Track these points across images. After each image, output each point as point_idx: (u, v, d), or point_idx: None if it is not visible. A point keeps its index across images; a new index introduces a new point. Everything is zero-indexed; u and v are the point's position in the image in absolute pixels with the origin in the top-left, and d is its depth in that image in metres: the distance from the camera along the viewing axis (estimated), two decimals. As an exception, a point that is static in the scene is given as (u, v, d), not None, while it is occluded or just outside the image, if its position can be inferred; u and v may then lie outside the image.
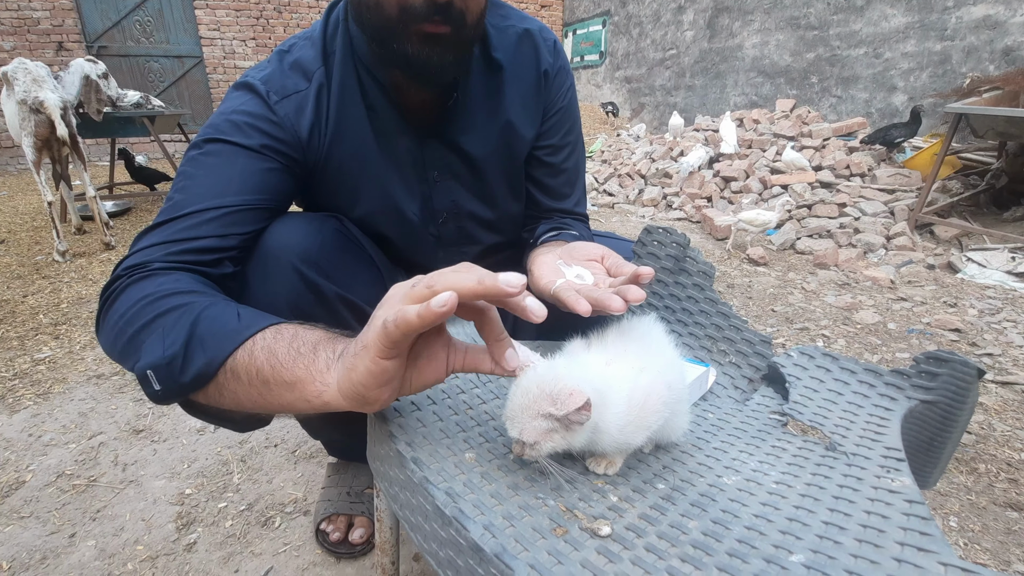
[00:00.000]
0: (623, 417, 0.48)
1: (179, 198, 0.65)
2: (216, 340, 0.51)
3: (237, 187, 0.66)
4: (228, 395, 0.52)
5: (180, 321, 0.53)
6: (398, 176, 0.81)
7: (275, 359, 0.50)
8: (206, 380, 0.51)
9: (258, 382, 0.50)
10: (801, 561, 0.41)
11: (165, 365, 0.51)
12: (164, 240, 0.62)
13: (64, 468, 1.25)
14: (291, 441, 1.33)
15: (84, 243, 3.12)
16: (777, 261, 2.73)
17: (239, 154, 0.68)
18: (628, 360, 0.52)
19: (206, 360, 0.51)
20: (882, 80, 4.31)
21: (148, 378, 0.52)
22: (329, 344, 0.50)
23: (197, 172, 0.67)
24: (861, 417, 0.64)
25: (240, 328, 0.52)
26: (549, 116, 0.86)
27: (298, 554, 1.01)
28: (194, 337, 0.51)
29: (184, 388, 0.52)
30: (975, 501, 1.13)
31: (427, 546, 0.49)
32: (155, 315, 0.54)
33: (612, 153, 4.93)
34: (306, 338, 0.51)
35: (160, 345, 0.52)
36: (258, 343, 0.51)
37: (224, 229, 0.64)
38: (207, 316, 0.53)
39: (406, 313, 0.40)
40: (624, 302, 0.52)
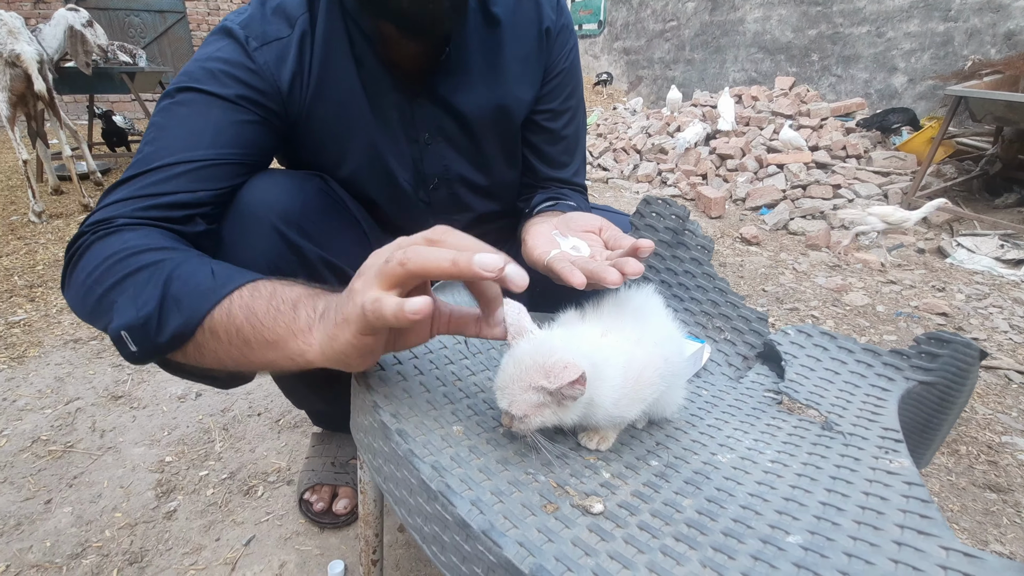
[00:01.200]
0: (618, 390, 0.46)
1: (149, 151, 0.61)
2: (191, 299, 0.49)
3: (210, 139, 0.62)
4: (208, 354, 0.50)
5: (152, 280, 0.50)
6: (387, 136, 0.77)
7: (255, 318, 0.48)
8: (183, 340, 0.49)
9: (239, 341, 0.48)
10: (798, 542, 0.40)
11: (140, 326, 0.49)
12: (132, 195, 0.58)
13: (40, 434, 1.21)
14: (275, 410, 1.31)
15: (61, 204, 3.02)
16: (770, 241, 2.72)
17: (214, 104, 0.63)
18: (624, 331, 0.50)
19: (183, 320, 0.49)
20: (883, 60, 4.25)
21: (123, 339, 0.50)
22: (309, 301, 0.48)
23: (169, 123, 0.63)
24: (858, 397, 0.62)
25: (215, 286, 0.50)
26: (550, 78, 0.82)
27: (281, 523, 0.99)
28: (168, 297, 0.49)
29: (161, 348, 0.50)
30: (955, 482, 1.15)
31: (411, 520, 0.48)
32: (124, 274, 0.51)
33: (608, 127, 4.84)
34: (285, 295, 0.49)
35: (133, 305, 0.49)
36: (235, 301, 0.49)
37: (196, 184, 0.60)
38: (180, 274, 0.51)
39: (382, 309, 0.39)
40: (621, 275, 0.50)
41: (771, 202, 3.14)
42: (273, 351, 0.48)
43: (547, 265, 0.59)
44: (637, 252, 0.53)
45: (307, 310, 0.47)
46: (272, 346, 0.47)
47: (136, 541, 0.95)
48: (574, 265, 0.54)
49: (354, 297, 0.42)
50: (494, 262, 0.39)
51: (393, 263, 0.40)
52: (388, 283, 0.40)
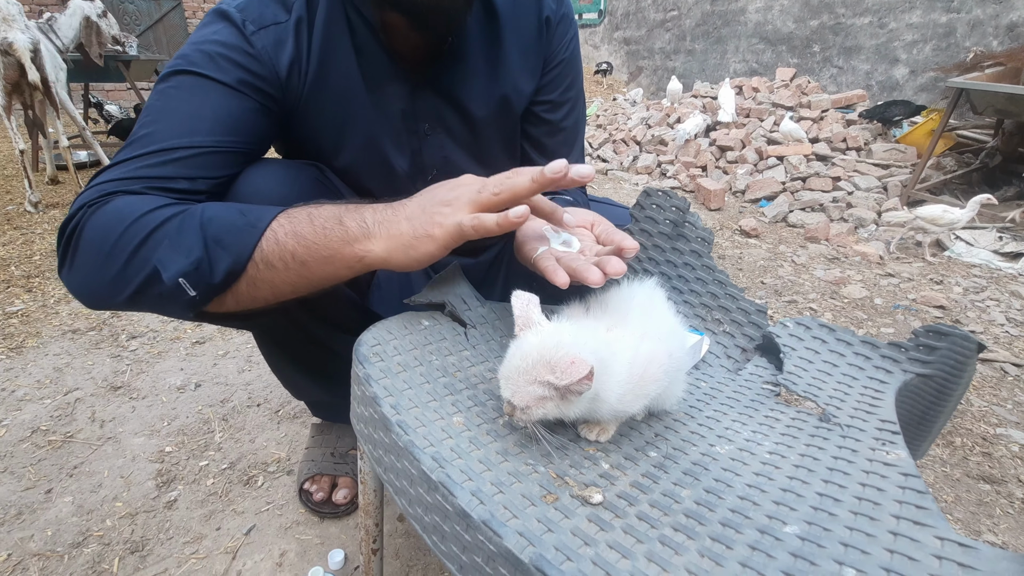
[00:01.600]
0: (624, 386, 0.47)
1: (145, 133, 0.60)
2: (234, 237, 0.53)
3: (209, 126, 0.61)
4: (263, 285, 0.55)
5: (186, 227, 0.53)
6: (386, 126, 0.76)
7: (304, 239, 0.54)
8: (235, 277, 0.54)
9: (295, 264, 0.54)
10: (796, 533, 0.40)
11: (195, 270, 0.52)
12: (126, 176, 0.57)
13: (39, 424, 1.22)
14: (274, 401, 1.31)
15: (58, 194, 3.00)
16: (769, 234, 2.72)
17: (212, 89, 0.62)
18: (629, 326, 0.50)
19: (232, 258, 0.53)
20: (885, 52, 4.23)
21: (182, 287, 0.52)
22: (352, 212, 0.56)
23: (166, 106, 0.62)
24: (856, 389, 0.63)
25: (253, 221, 0.54)
26: (549, 68, 0.81)
27: (281, 513, 1.00)
28: (209, 239, 0.53)
29: (216, 290, 0.54)
30: (950, 473, 1.16)
31: (412, 510, 0.48)
32: (149, 230, 0.53)
33: (608, 118, 4.81)
34: (323, 214, 0.55)
35: (179, 254, 0.52)
36: (279, 231, 0.54)
37: (193, 171, 0.60)
38: (211, 217, 0.54)
39: (484, 223, 0.51)
40: (603, 275, 0.50)
41: (771, 194, 3.13)
42: (330, 265, 0.55)
43: (534, 262, 0.59)
44: (622, 252, 0.54)
45: (354, 220, 0.55)
46: (329, 260, 0.54)
47: (137, 530, 0.96)
48: (559, 264, 0.55)
49: (444, 219, 0.52)
50: (558, 166, 0.50)
51: (487, 193, 0.52)
52: (480, 207, 0.52)
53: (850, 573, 0.35)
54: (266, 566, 0.90)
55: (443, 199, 0.54)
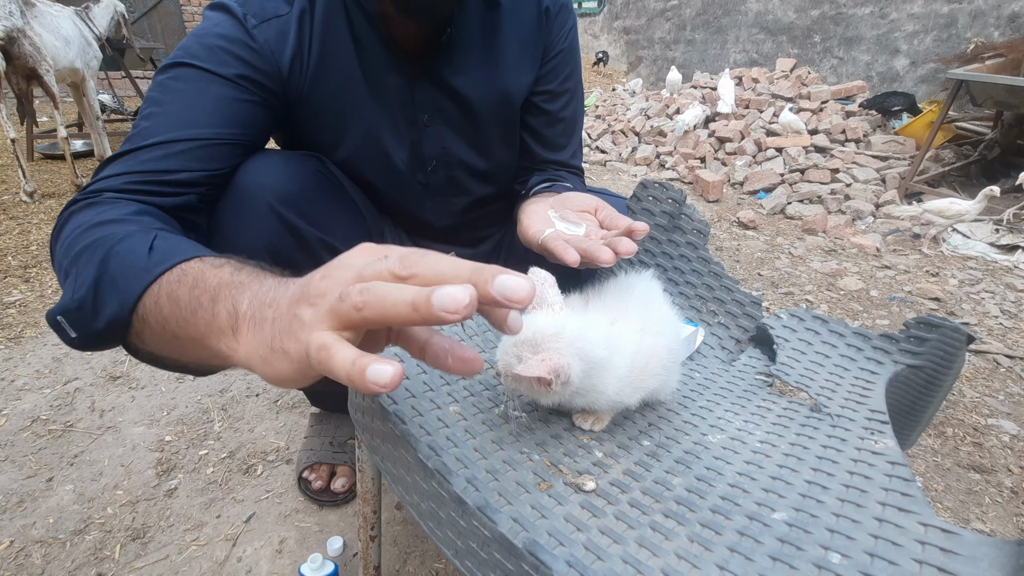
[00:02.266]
0: (623, 380, 0.48)
1: (145, 126, 0.60)
2: (125, 280, 0.44)
3: (209, 118, 0.61)
4: (149, 341, 0.45)
5: (92, 258, 0.46)
6: (385, 118, 0.76)
7: (178, 309, 0.42)
8: (122, 326, 0.44)
9: (168, 335, 0.43)
10: (783, 519, 0.41)
11: (75, 310, 0.45)
12: (127, 170, 0.57)
13: (39, 413, 1.22)
14: (273, 391, 1.32)
15: (54, 183, 2.98)
16: (766, 225, 2.72)
17: (213, 82, 0.62)
18: (630, 320, 0.50)
19: (119, 303, 0.44)
20: (886, 42, 4.20)
21: (60, 325, 0.46)
22: (230, 294, 0.39)
23: (165, 98, 0.62)
24: (847, 380, 0.64)
25: (149, 266, 0.44)
26: (548, 58, 0.81)
27: (280, 501, 1.01)
28: (104, 276, 0.45)
29: (102, 335, 0.45)
30: (940, 463, 1.18)
31: (409, 498, 0.49)
32: (79, 250, 0.48)
33: (607, 108, 4.79)
34: (207, 284, 0.41)
35: (71, 287, 0.46)
36: (163, 288, 0.43)
37: (194, 163, 0.60)
38: (119, 251, 0.46)
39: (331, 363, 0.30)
40: (614, 254, 0.50)
41: (769, 186, 3.13)
42: (201, 348, 0.41)
43: (541, 244, 0.60)
44: (632, 233, 0.54)
45: (227, 305, 0.39)
46: (198, 344, 0.41)
47: (138, 518, 0.97)
48: (568, 244, 0.55)
49: (299, 331, 0.33)
50: (457, 299, 0.28)
51: (348, 305, 0.30)
52: (340, 324, 0.31)
53: (835, 558, 0.36)
54: (266, 553, 0.91)
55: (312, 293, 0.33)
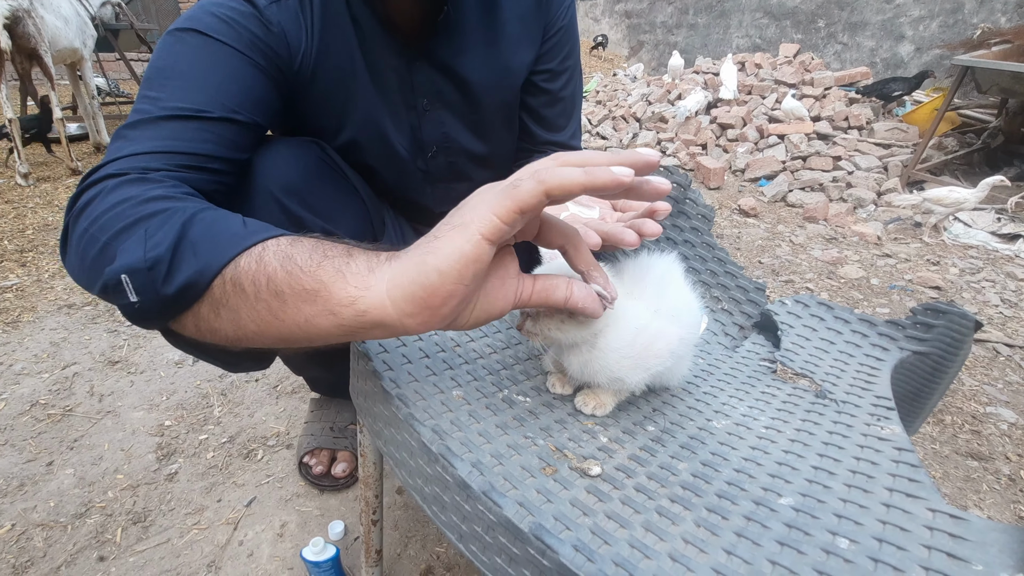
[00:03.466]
0: (624, 349, 0.47)
1: (167, 96, 0.54)
2: (213, 244, 0.42)
3: (240, 98, 0.57)
4: (226, 314, 0.42)
5: (169, 221, 0.43)
6: (385, 102, 0.74)
7: (292, 264, 0.40)
8: (196, 294, 0.41)
9: (268, 294, 0.40)
10: (790, 504, 0.41)
11: (146, 269, 0.41)
12: (162, 148, 0.51)
13: (38, 398, 1.22)
14: (272, 376, 1.31)
15: (49, 168, 2.95)
16: (768, 213, 2.71)
17: (229, 54, 0.58)
18: (645, 299, 0.50)
19: (198, 267, 0.41)
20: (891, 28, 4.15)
21: (123, 285, 0.41)
22: (369, 252, 0.41)
23: (178, 65, 0.56)
24: (852, 366, 0.63)
25: (245, 234, 0.42)
26: (549, 36, 0.79)
27: (281, 485, 1.01)
28: (185, 239, 0.42)
29: (166, 304, 0.42)
30: (939, 450, 1.18)
31: (412, 482, 0.48)
32: (137, 218, 0.43)
33: (607, 94, 4.74)
34: (334, 244, 0.42)
35: (141, 246, 0.41)
36: (269, 248, 0.41)
37: (230, 151, 0.56)
38: (203, 218, 0.44)
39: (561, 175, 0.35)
40: (638, 236, 0.49)
41: (770, 173, 3.11)
42: (312, 304, 0.40)
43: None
44: (654, 214, 0.52)
45: (365, 256, 0.40)
46: (312, 296, 0.39)
47: (139, 502, 0.97)
48: (587, 227, 0.53)
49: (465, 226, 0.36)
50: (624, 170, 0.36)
51: (529, 183, 0.35)
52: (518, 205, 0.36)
53: (843, 543, 0.36)
54: (267, 536, 0.91)
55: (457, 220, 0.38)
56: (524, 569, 0.37)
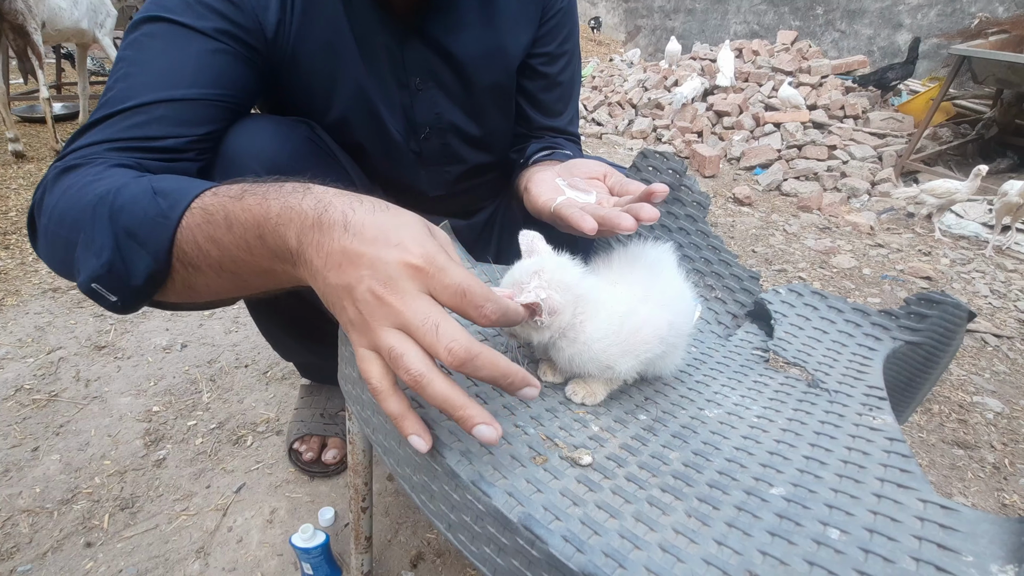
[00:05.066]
0: (610, 337, 0.46)
1: (122, 87, 0.55)
2: (148, 229, 0.44)
3: (190, 77, 0.57)
4: (201, 288, 0.46)
5: (97, 218, 0.45)
6: (376, 80, 0.72)
7: (227, 251, 0.43)
8: (161, 278, 0.45)
9: (227, 274, 0.44)
10: (781, 494, 0.40)
11: (107, 273, 0.45)
12: (108, 138, 0.53)
13: (22, 383, 1.20)
14: (262, 362, 1.30)
15: (33, 148, 2.88)
16: (762, 202, 2.70)
17: (191, 38, 0.58)
18: (633, 286, 0.49)
19: (150, 256, 0.44)
20: (889, 15, 4.12)
21: (98, 292, 0.46)
22: (272, 229, 0.40)
23: (140, 57, 0.57)
24: (844, 356, 0.63)
25: (165, 209, 0.44)
26: (547, 18, 0.77)
27: (271, 472, 1.01)
28: (120, 234, 0.44)
29: (141, 292, 0.46)
30: (925, 439, 1.19)
31: (400, 470, 0.48)
32: (77, 213, 0.46)
33: (603, 79, 4.69)
34: (242, 221, 0.42)
35: (91, 254, 0.45)
36: (197, 233, 0.43)
37: (180, 128, 0.56)
38: (120, 206, 0.45)
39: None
40: (635, 221, 0.48)
41: (766, 162, 3.10)
42: (271, 279, 0.44)
43: (554, 212, 0.57)
44: (651, 197, 0.51)
45: (275, 241, 0.40)
46: (266, 276, 0.43)
47: (126, 488, 0.96)
48: (584, 212, 0.52)
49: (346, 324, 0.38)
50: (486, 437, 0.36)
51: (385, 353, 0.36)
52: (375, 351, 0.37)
53: (834, 534, 0.36)
54: (257, 523, 0.91)
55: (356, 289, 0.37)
56: (513, 559, 0.37)
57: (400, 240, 0.37)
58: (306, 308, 0.81)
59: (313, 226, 0.38)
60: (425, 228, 0.40)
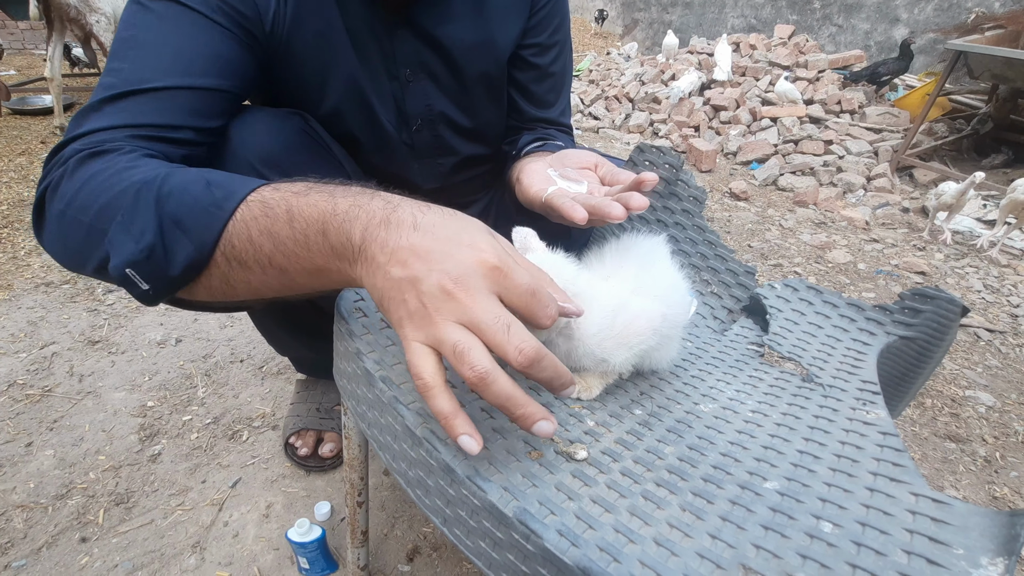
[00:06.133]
0: (604, 331, 0.46)
1: (131, 68, 0.53)
2: (196, 218, 0.42)
3: (205, 65, 0.55)
4: (239, 285, 0.45)
5: (140, 201, 0.43)
6: (367, 71, 0.72)
7: (282, 245, 0.42)
8: (199, 270, 0.44)
9: (274, 271, 0.43)
10: (775, 488, 0.41)
11: (146, 259, 0.43)
12: (128, 123, 0.51)
13: (16, 378, 1.19)
14: (258, 357, 1.30)
15: (24, 141, 2.85)
16: (758, 197, 2.71)
17: (200, 21, 0.56)
18: (626, 279, 0.49)
19: (195, 246, 0.42)
20: (886, 10, 4.12)
21: (131, 278, 0.44)
22: (337, 225, 0.40)
23: (149, 38, 0.55)
24: (839, 350, 0.63)
25: (219, 199, 0.43)
26: (538, 8, 0.77)
27: (267, 467, 1.01)
28: (165, 219, 0.43)
29: (175, 282, 0.44)
30: (918, 432, 1.20)
31: (396, 465, 0.48)
32: (110, 197, 0.44)
33: (600, 73, 4.67)
34: (306, 215, 0.41)
35: (129, 236, 0.43)
36: (252, 225, 0.42)
37: (198, 120, 0.54)
38: (169, 191, 0.43)
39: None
40: (625, 210, 0.48)
41: (762, 157, 3.10)
42: (321, 278, 0.43)
43: (545, 202, 0.57)
44: (641, 186, 0.51)
45: (339, 237, 0.40)
46: (317, 274, 0.42)
47: (121, 483, 0.96)
48: (575, 201, 0.52)
49: (403, 320, 0.37)
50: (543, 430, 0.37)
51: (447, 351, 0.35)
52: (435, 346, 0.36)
53: (827, 527, 0.36)
54: (253, 517, 0.91)
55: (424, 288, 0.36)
56: (508, 554, 0.37)
57: (473, 240, 0.37)
58: (301, 303, 0.81)
59: (381, 223, 0.38)
60: (490, 231, 0.40)
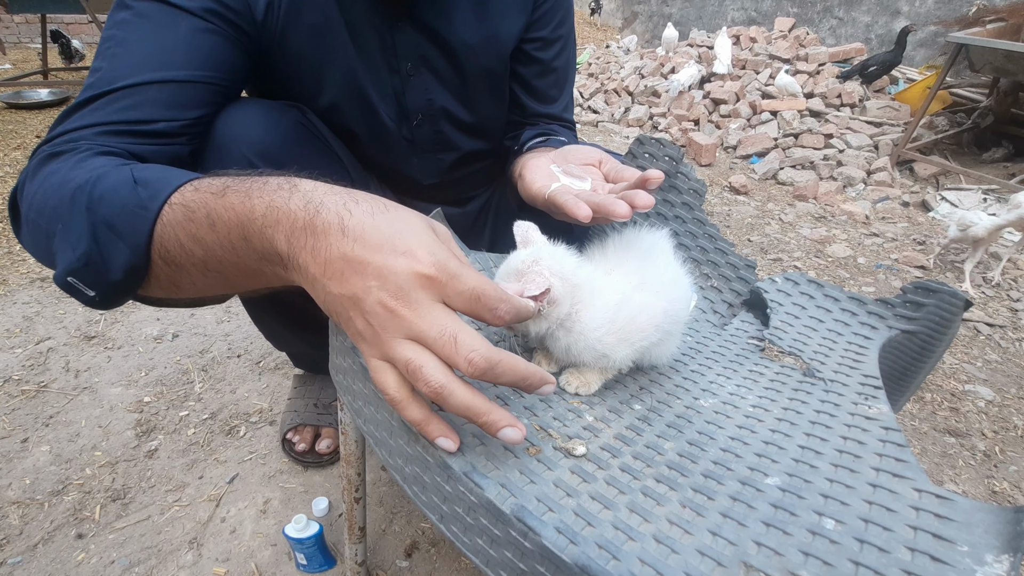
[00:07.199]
0: (606, 325, 0.46)
1: (109, 68, 0.53)
2: (127, 220, 0.41)
3: (182, 59, 0.55)
4: (185, 286, 0.44)
5: (74, 208, 0.43)
6: (367, 65, 0.70)
7: (213, 251, 0.40)
8: (141, 273, 0.42)
9: (214, 275, 0.42)
10: (776, 484, 0.40)
11: (83, 267, 0.42)
12: (97, 121, 0.51)
13: (11, 373, 1.19)
14: (255, 352, 1.29)
15: (19, 135, 2.83)
16: (758, 191, 2.69)
17: (179, 17, 0.56)
18: (629, 274, 0.48)
19: (129, 249, 0.41)
20: (887, 3, 4.09)
21: (75, 286, 0.43)
22: (257, 231, 0.38)
23: (128, 36, 0.55)
24: (840, 345, 0.63)
25: (143, 202, 0.41)
26: (541, 2, 0.75)
27: (264, 462, 1.00)
28: (97, 224, 0.42)
29: (120, 286, 0.43)
30: (918, 427, 1.20)
31: (392, 461, 0.47)
32: (57, 203, 0.44)
33: (600, 67, 4.64)
34: (225, 221, 0.39)
35: (68, 245, 0.42)
36: (179, 231, 0.41)
37: (172, 111, 0.54)
38: (99, 196, 0.42)
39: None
40: (630, 208, 0.47)
41: (762, 150, 3.09)
42: (259, 279, 0.42)
43: (548, 198, 0.56)
44: (646, 183, 0.50)
45: (262, 243, 0.38)
46: (254, 276, 0.41)
47: (118, 479, 0.95)
48: (578, 198, 0.52)
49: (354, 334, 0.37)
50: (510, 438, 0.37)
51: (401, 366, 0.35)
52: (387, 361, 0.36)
53: (829, 524, 0.36)
54: (250, 513, 0.90)
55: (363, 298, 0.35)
56: (506, 550, 0.36)
57: (408, 247, 0.35)
58: (298, 296, 0.80)
59: (305, 229, 0.36)
60: (430, 230, 0.38)
